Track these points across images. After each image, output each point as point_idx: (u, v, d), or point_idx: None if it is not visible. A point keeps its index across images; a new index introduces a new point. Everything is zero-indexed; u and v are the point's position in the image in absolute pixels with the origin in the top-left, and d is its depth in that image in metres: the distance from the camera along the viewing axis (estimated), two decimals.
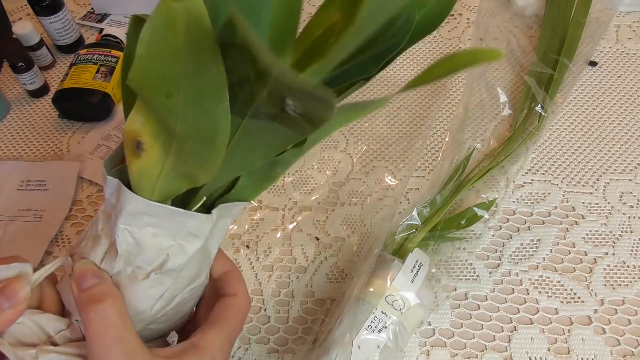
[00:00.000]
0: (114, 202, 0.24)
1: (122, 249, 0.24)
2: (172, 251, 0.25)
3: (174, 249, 0.25)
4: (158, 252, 0.25)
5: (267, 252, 0.45)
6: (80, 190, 0.50)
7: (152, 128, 0.22)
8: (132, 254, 0.24)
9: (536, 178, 0.48)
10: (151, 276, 0.25)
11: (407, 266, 0.37)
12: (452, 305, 0.41)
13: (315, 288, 0.43)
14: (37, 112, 0.57)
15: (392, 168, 0.50)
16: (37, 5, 0.58)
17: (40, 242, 0.46)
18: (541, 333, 0.39)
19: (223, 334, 0.27)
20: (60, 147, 0.54)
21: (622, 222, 0.45)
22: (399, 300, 0.36)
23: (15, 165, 0.52)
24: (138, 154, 0.22)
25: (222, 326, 0.27)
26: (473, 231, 0.45)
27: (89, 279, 0.24)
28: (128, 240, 0.24)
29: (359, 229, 0.46)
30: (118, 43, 0.60)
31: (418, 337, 0.40)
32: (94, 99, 0.53)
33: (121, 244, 0.24)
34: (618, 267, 0.42)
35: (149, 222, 0.24)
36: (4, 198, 0.49)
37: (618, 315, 0.40)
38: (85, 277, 0.24)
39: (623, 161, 0.49)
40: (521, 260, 0.43)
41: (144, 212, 0.24)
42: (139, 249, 0.24)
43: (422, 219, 0.42)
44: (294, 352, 0.40)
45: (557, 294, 0.41)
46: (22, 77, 0.56)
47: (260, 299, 0.42)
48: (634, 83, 0.55)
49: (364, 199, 0.48)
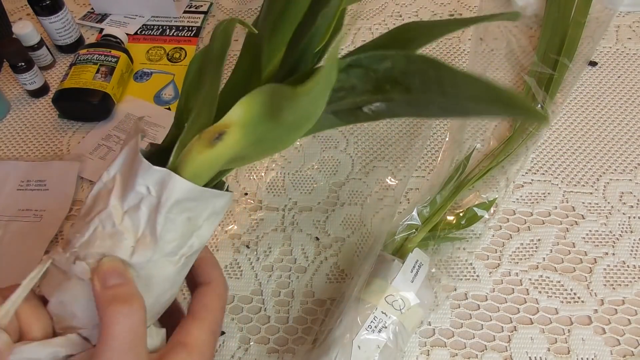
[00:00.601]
0: (154, 193, 0.24)
1: (166, 239, 0.25)
2: (199, 233, 0.26)
3: (201, 230, 0.26)
4: (189, 235, 0.26)
5: (267, 252, 0.45)
6: (80, 190, 0.50)
7: (250, 118, 0.23)
8: (168, 241, 0.25)
9: (536, 178, 0.48)
10: (181, 261, 0.26)
11: (407, 266, 0.37)
12: (452, 305, 0.41)
13: (315, 288, 0.43)
14: (37, 112, 0.57)
15: (392, 168, 0.50)
16: (37, 5, 0.58)
17: (40, 242, 0.46)
18: (541, 333, 0.39)
19: (206, 326, 0.27)
20: (60, 147, 0.54)
21: (622, 222, 0.45)
22: (399, 300, 0.36)
23: (15, 165, 0.52)
24: (214, 144, 0.23)
25: (204, 318, 0.27)
26: (473, 231, 0.45)
27: (115, 277, 0.24)
28: (169, 228, 0.25)
29: (359, 229, 0.46)
30: (118, 43, 0.60)
31: (418, 337, 0.40)
32: (94, 99, 0.53)
33: (165, 234, 0.24)
34: (618, 267, 0.42)
35: (189, 207, 0.25)
36: (4, 198, 0.49)
37: (618, 315, 0.40)
38: (111, 275, 0.24)
39: (623, 161, 0.49)
40: (521, 260, 0.43)
41: (189, 198, 0.24)
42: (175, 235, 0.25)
43: (422, 219, 0.42)
44: (294, 352, 0.40)
45: (557, 294, 0.41)
46: (22, 77, 0.56)
47: (260, 299, 0.42)
48: (634, 83, 0.55)
49: (364, 199, 0.48)
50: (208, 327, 0.27)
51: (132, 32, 0.65)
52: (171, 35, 0.64)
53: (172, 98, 0.58)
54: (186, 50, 0.62)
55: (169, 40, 0.64)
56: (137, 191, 0.25)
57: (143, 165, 0.24)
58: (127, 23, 0.66)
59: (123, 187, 0.25)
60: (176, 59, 0.62)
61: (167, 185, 0.24)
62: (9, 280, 0.26)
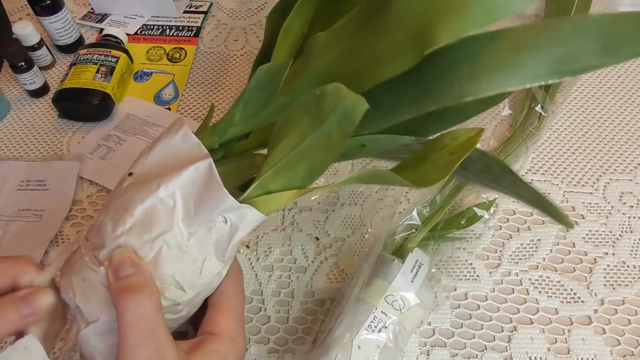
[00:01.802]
0: (229, 224, 0.26)
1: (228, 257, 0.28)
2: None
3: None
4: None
5: (267, 252, 0.45)
6: (80, 190, 0.50)
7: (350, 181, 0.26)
8: (229, 257, 0.28)
9: (536, 178, 0.48)
10: (227, 264, 0.28)
11: (407, 266, 0.37)
12: (452, 305, 0.41)
13: (315, 288, 0.43)
14: (37, 112, 0.57)
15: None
16: (37, 5, 0.58)
17: (40, 242, 0.46)
18: (541, 333, 0.39)
19: (230, 313, 0.27)
20: (60, 147, 0.54)
21: (622, 222, 0.45)
22: (399, 300, 0.36)
23: (15, 165, 0.52)
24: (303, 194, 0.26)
25: (227, 306, 0.28)
26: (473, 231, 0.45)
27: (127, 267, 0.24)
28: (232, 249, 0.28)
29: (359, 229, 0.46)
30: (118, 43, 0.60)
31: (418, 337, 0.40)
32: (94, 99, 0.53)
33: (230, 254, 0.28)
34: (618, 267, 0.42)
35: None
36: (4, 198, 0.49)
37: (618, 315, 0.40)
38: (123, 266, 0.24)
39: (623, 161, 0.49)
40: (521, 260, 0.43)
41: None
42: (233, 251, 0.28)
43: (422, 219, 0.42)
44: (294, 352, 0.40)
45: (557, 294, 0.41)
46: (22, 77, 0.56)
47: (260, 299, 0.42)
48: (633, 83, 0.55)
49: (364, 199, 0.48)
50: (232, 313, 0.27)
51: (132, 32, 0.65)
52: (171, 35, 0.64)
53: (172, 98, 0.58)
54: (186, 50, 0.62)
55: (169, 40, 0.64)
56: (212, 220, 0.26)
57: (228, 202, 0.25)
58: (127, 23, 0.66)
59: (188, 209, 0.26)
60: (176, 59, 0.62)
61: (246, 219, 0.26)
62: None
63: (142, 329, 0.23)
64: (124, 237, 0.25)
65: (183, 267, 0.26)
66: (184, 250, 0.26)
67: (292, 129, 0.25)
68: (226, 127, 0.28)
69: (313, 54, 0.26)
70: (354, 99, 0.22)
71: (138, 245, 0.25)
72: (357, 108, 0.22)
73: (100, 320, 0.25)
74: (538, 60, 0.19)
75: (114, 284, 0.24)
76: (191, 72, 0.60)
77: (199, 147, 0.26)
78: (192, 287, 0.26)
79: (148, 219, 0.25)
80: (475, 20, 0.19)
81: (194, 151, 0.26)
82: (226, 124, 0.28)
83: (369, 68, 0.23)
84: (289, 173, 0.26)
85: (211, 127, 0.29)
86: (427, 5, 0.20)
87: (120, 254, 0.24)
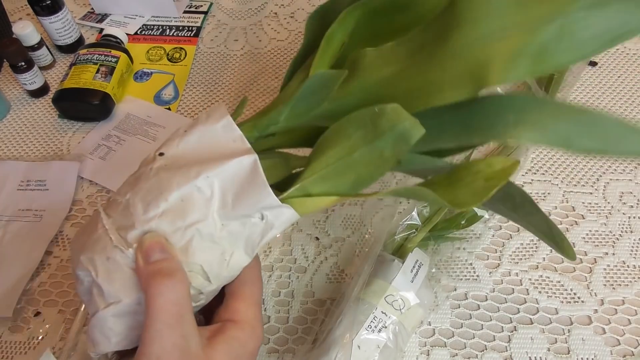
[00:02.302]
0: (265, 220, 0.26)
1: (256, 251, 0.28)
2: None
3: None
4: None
5: (267, 252, 0.45)
6: (80, 190, 0.50)
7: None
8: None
9: (536, 178, 0.48)
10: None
11: (407, 266, 0.37)
12: (452, 305, 0.41)
13: (315, 288, 0.43)
14: (37, 112, 0.57)
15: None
16: (37, 5, 0.58)
17: (40, 242, 0.46)
18: (541, 333, 0.39)
19: (249, 299, 0.28)
20: (60, 147, 0.54)
21: (622, 222, 0.45)
22: (399, 300, 0.36)
23: (15, 165, 0.52)
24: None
25: (246, 294, 0.28)
26: (473, 231, 0.45)
27: (157, 252, 0.24)
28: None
29: (359, 229, 0.46)
30: (118, 43, 0.60)
31: (418, 337, 0.40)
32: (94, 99, 0.53)
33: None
34: (618, 267, 0.42)
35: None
36: (4, 198, 0.49)
37: (618, 315, 0.40)
38: (153, 250, 0.24)
39: (623, 161, 0.49)
40: (521, 260, 0.43)
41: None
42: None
43: (422, 219, 0.42)
44: (294, 352, 0.40)
45: (557, 294, 0.41)
46: (22, 77, 0.56)
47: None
48: (633, 83, 0.55)
49: (364, 199, 0.48)
50: (251, 299, 0.28)
51: (132, 32, 0.65)
52: (171, 35, 0.64)
53: (172, 98, 0.58)
54: (186, 50, 0.62)
55: (169, 40, 0.64)
56: (249, 215, 0.26)
57: (269, 200, 0.25)
58: (127, 23, 0.66)
59: (225, 201, 0.26)
60: (176, 59, 0.62)
61: (281, 217, 0.26)
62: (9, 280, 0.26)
63: (172, 314, 0.23)
64: (156, 221, 0.25)
65: (212, 258, 0.26)
66: (216, 242, 0.26)
67: (344, 139, 0.26)
68: (269, 125, 0.28)
69: (361, 69, 0.26)
70: (413, 122, 0.23)
71: (170, 231, 0.25)
72: (414, 131, 0.24)
73: (123, 302, 0.25)
74: (567, 131, 0.22)
75: (144, 267, 0.24)
76: (191, 72, 0.60)
77: (242, 140, 0.26)
78: (217, 278, 0.26)
79: (183, 205, 0.25)
80: (527, 69, 0.21)
81: (235, 143, 0.26)
82: (270, 121, 0.28)
83: (421, 92, 0.24)
84: (334, 180, 0.26)
85: (252, 122, 0.28)
86: (488, 44, 0.22)
87: (151, 239, 0.24)
